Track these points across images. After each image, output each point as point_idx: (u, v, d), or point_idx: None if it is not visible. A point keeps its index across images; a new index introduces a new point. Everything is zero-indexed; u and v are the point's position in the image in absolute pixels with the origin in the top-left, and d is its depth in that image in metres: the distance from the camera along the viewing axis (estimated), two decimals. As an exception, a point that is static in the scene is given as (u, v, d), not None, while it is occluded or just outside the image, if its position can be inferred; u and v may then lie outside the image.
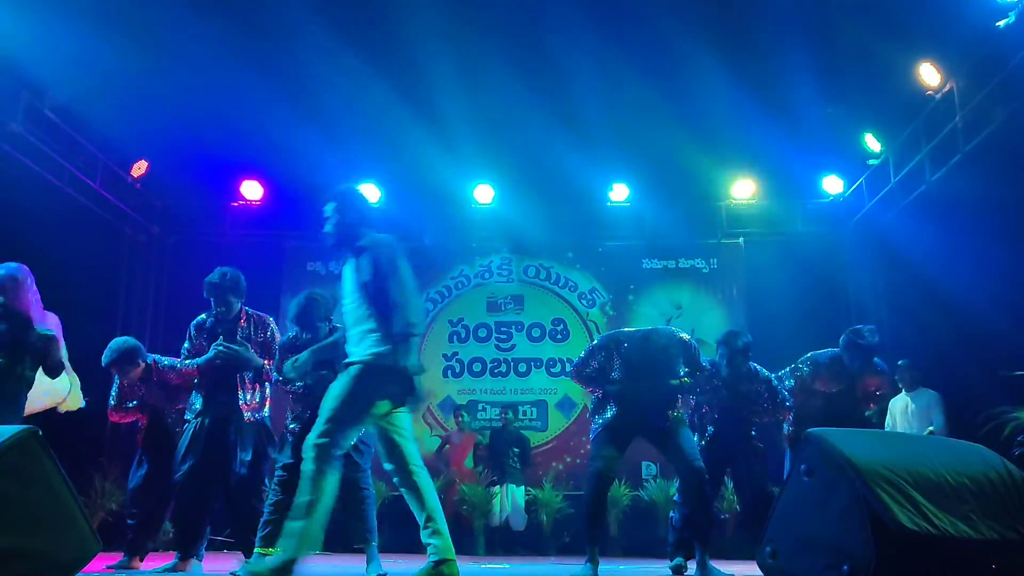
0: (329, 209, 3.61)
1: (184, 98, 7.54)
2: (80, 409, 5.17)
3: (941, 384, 7.03)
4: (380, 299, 3.39)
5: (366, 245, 3.53)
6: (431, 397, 9.16)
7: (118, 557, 4.93)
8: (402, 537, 8.42)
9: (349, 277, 3.53)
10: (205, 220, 9.46)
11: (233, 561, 5.61)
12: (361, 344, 3.39)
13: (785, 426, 5.01)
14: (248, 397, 4.49)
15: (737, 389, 4.68)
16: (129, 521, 4.98)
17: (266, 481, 4.63)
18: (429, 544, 3.24)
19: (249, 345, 4.48)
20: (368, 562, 4.33)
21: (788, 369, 4.87)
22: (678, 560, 4.61)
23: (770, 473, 4.98)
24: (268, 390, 4.64)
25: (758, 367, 4.73)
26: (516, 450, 8.20)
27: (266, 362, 4.54)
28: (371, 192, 9.29)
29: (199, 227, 9.44)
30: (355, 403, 3.27)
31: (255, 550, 4.33)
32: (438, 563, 3.18)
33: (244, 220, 9.47)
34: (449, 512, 8.07)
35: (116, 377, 4.99)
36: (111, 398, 5.03)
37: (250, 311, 4.63)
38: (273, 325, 4.67)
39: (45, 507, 2.44)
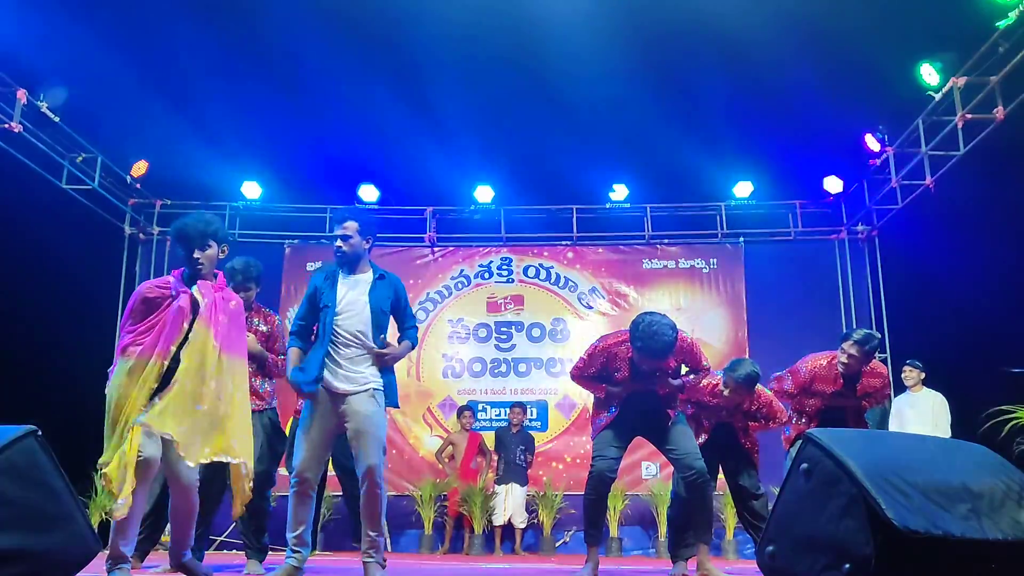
0: (352, 228, 3.78)
1: (184, 97, 7.54)
2: (80, 407, 5.15)
3: (941, 383, 7.05)
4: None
5: (386, 274, 3.92)
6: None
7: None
8: (399, 537, 8.45)
9: (366, 298, 3.77)
10: (205, 220, 9.44)
11: (234, 560, 5.61)
12: (384, 370, 3.78)
13: (786, 428, 5.02)
14: (254, 387, 4.48)
15: (736, 407, 4.69)
16: None
17: (274, 478, 4.62)
18: None
19: (255, 336, 4.48)
20: None
21: (787, 370, 4.87)
22: (679, 566, 4.61)
23: (768, 473, 4.98)
24: (273, 383, 4.64)
25: (760, 388, 4.72)
26: (523, 448, 8.19)
27: (270, 356, 4.54)
28: (370, 192, 9.30)
29: (199, 227, 9.42)
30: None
31: (288, 551, 4.33)
32: None
33: (244, 220, 9.47)
34: (451, 512, 8.13)
35: None
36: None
37: (257, 303, 4.64)
38: (278, 319, 4.69)
39: (45, 507, 2.44)
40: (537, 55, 7.13)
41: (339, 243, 3.77)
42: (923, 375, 7.03)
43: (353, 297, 3.75)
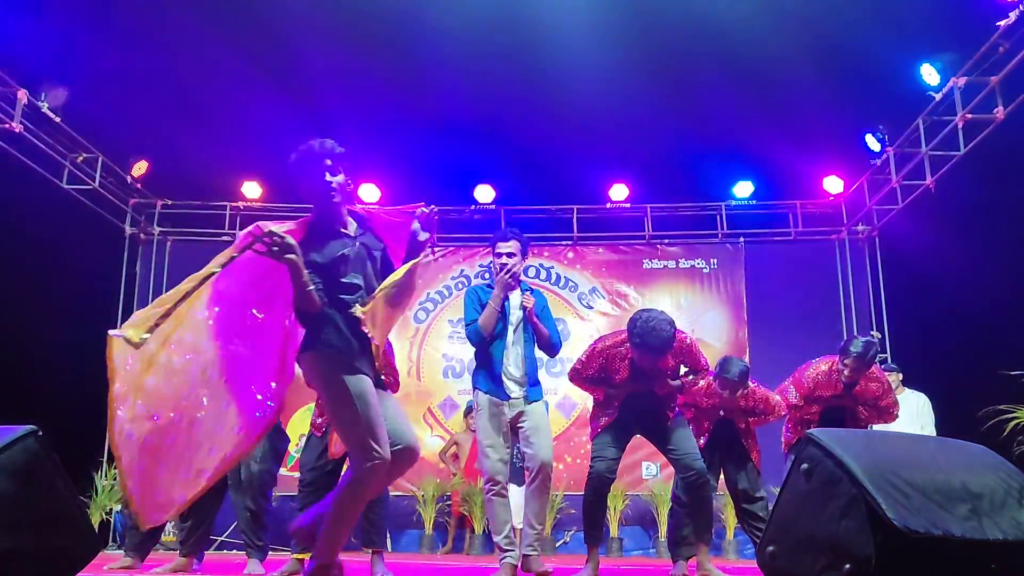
0: (514, 247, 4.15)
1: (184, 97, 7.55)
2: (80, 407, 5.16)
3: (940, 383, 7.04)
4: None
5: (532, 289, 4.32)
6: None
7: (118, 557, 4.93)
8: (399, 537, 8.45)
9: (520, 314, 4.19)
10: (205, 220, 9.47)
11: (235, 560, 5.61)
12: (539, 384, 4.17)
13: (784, 431, 5.03)
14: None
15: (733, 406, 4.70)
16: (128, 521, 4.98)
17: (276, 478, 4.62)
18: None
19: None
20: (373, 567, 4.32)
21: (789, 382, 4.89)
22: (679, 566, 4.61)
23: (768, 473, 4.99)
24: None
25: (755, 385, 4.73)
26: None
27: None
28: (371, 192, 9.30)
29: (199, 227, 9.45)
30: None
31: (292, 556, 4.33)
32: None
33: (244, 221, 9.47)
34: (454, 512, 8.14)
35: None
36: None
37: None
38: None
39: (45, 507, 2.43)
40: (537, 55, 7.13)
41: (505, 260, 4.10)
42: (901, 376, 7.02)
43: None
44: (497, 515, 3.97)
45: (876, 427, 6.95)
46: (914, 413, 6.84)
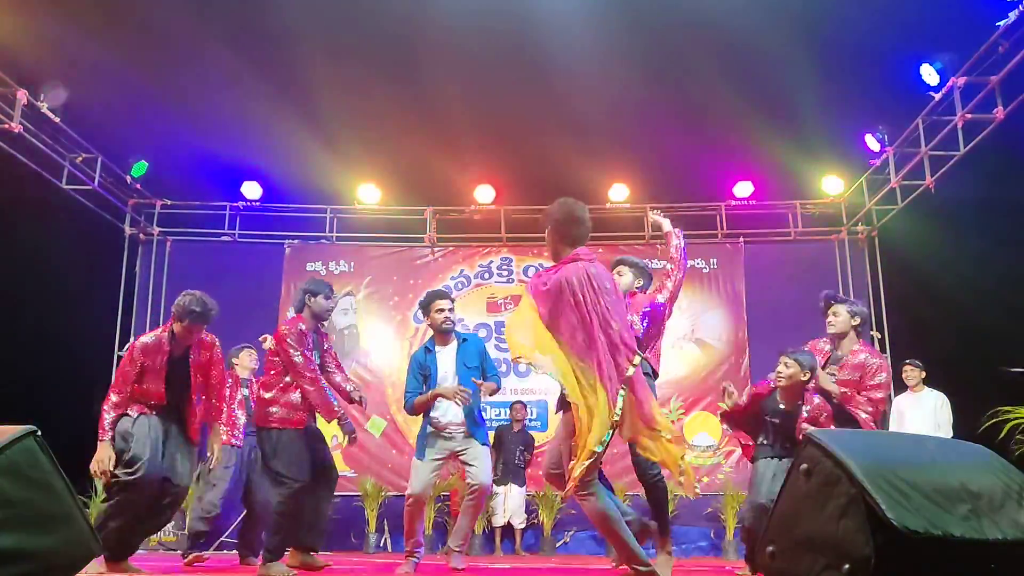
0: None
1: (184, 98, 7.54)
2: (80, 407, 5.17)
3: (940, 383, 7.04)
4: None
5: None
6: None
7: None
8: (399, 537, 8.44)
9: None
10: (205, 220, 9.46)
11: (235, 560, 5.62)
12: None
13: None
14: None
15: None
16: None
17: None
18: None
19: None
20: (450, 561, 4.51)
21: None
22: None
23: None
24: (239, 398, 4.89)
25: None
26: (522, 448, 8.19)
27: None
28: (371, 192, 9.30)
29: (199, 227, 9.44)
30: None
31: (291, 549, 4.37)
32: None
33: (244, 221, 9.47)
34: (453, 513, 8.13)
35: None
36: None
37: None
38: (217, 345, 4.75)
39: (45, 507, 2.43)
40: (537, 55, 7.13)
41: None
42: (923, 374, 7.01)
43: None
44: (413, 523, 4.81)
45: (892, 426, 6.97)
46: (931, 411, 6.83)
